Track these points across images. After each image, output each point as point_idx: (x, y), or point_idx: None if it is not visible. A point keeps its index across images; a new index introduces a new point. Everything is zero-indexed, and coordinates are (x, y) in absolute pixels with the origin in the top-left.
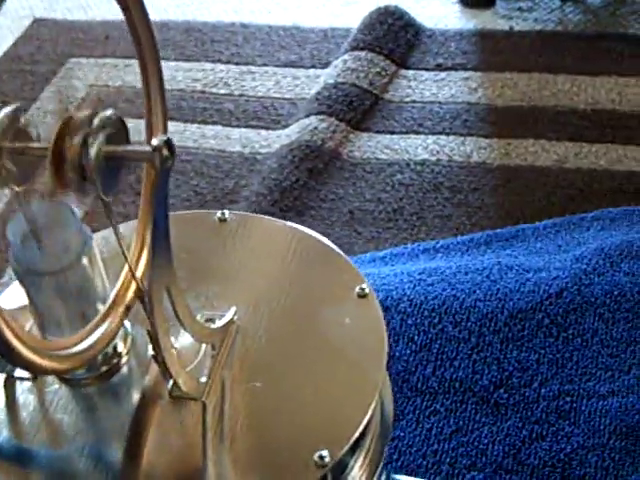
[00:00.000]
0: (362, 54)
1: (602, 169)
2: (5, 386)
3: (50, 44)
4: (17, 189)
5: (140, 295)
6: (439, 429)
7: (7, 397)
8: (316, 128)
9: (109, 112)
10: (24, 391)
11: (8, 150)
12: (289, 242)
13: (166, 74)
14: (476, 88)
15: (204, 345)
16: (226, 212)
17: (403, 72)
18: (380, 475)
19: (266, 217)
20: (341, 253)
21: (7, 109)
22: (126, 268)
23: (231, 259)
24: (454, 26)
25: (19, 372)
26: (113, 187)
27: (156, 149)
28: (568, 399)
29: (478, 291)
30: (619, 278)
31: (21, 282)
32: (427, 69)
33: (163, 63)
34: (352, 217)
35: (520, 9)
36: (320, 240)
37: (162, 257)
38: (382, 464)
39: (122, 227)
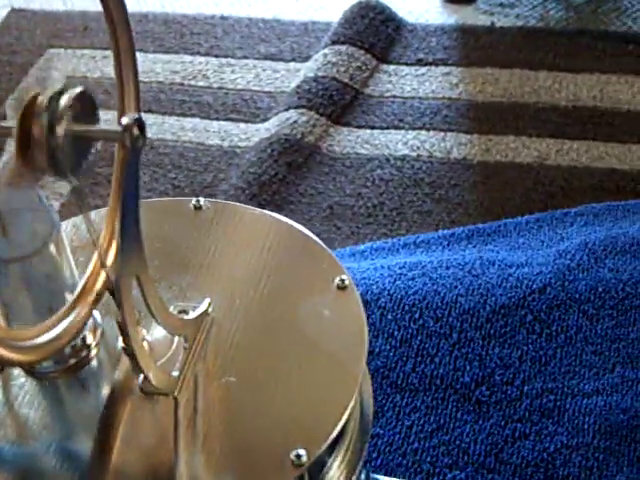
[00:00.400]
0: (343, 48)
1: (583, 166)
2: None
3: (28, 35)
4: None
5: (109, 284)
6: (419, 427)
7: None
8: (296, 122)
9: (77, 89)
10: None
11: None
12: (266, 231)
13: (145, 66)
14: (457, 84)
15: (177, 338)
16: (201, 200)
17: (384, 67)
18: (359, 475)
19: (242, 205)
20: (320, 243)
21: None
22: (95, 256)
23: (206, 248)
24: (435, 21)
25: None
26: (83, 167)
27: (126, 128)
28: (551, 397)
29: (460, 286)
30: (603, 274)
31: None
32: (408, 64)
33: (142, 55)
34: (332, 212)
35: (502, 5)
36: (298, 229)
37: (132, 244)
38: (361, 463)
39: (94, 214)
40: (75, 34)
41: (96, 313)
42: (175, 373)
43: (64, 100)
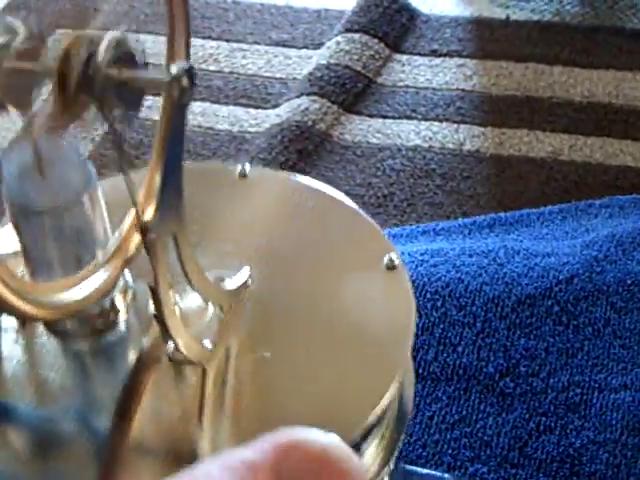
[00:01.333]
0: (356, 36)
1: (597, 162)
2: None
3: (37, 14)
4: (20, 116)
5: (144, 242)
6: (441, 418)
7: None
8: (307, 109)
9: (123, 34)
10: (8, 343)
11: (10, 70)
12: (313, 202)
13: (156, 49)
14: (471, 76)
15: (211, 308)
16: (247, 165)
17: (397, 56)
18: (395, 464)
19: (290, 174)
20: (369, 219)
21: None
22: (131, 213)
23: (248, 217)
24: (450, 12)
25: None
26: (129, 117)
27: (175, 77)
28: (578, 391)
29: (484, 274)
30: (632, 266)
31: (13, 220)
32: (421, 54)
33: (152, 37)
34: None
35: None
36: (346, 203)
37: (172, 202)
38: (397, 452)
39: (134, 175)
40: (85, 15)
41: (128, 275)
42: (207, 344)
43: (107, 43)
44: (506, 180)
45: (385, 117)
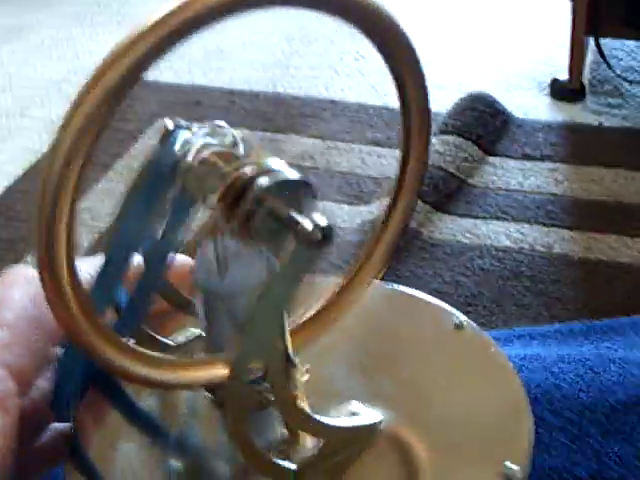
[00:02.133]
0: (450, 138)
1: None
2: None
3: (140, 104)
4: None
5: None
6: None
7: None
8: None
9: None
10: None
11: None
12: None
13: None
14: (562, 180)
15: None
16: (464, 319)
17: (490, 159)
18: None
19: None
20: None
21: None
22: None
23: (429, 366)
24: (543, 117)
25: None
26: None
27: (312, 232)
28: None
29: (580, 382)
30: None
31: (200, 301)
32: (514, 158)
33: (250, 133)
34: None
35: (610, 105)
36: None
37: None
38: None
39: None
40: (186, 108)
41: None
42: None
43: (271, 176)
44: (593, 284)
45: (476, 217)
